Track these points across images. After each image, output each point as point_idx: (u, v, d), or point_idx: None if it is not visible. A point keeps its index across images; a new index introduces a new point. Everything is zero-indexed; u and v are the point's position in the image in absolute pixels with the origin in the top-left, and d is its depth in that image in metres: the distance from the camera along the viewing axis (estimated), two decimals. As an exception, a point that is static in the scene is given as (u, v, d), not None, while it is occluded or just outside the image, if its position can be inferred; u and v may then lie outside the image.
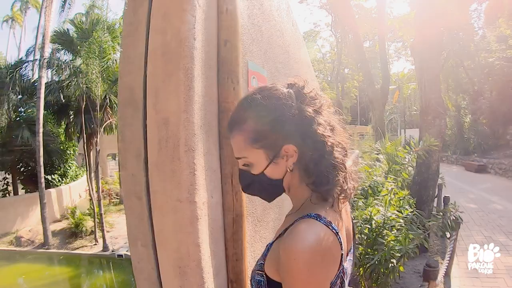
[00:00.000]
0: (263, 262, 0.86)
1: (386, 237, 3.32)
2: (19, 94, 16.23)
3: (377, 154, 6.65)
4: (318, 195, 0.85)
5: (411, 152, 5.15)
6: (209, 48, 1.29)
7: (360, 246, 3.37)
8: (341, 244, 0.79)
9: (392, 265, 3.28)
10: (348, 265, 0.91)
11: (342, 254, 0.80)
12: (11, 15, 34.56)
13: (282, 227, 0.89)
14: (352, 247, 0.99)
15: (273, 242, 0.87)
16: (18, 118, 16.37)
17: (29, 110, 16.69)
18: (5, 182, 16.22)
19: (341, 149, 0.87)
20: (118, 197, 17.89)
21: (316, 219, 0.79)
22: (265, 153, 0.86)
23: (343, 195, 0.87)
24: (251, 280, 0.90)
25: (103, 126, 14.96)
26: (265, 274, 0.84)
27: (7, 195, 16.13)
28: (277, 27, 2.09)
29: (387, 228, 3.39)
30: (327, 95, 0.95)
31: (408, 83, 30.41)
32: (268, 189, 0.92)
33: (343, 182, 0.86)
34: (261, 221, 1.67)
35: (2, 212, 14.35)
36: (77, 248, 13.72)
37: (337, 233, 0.79)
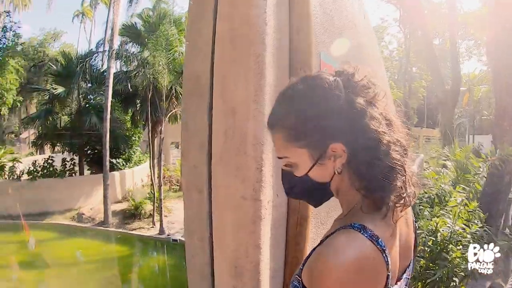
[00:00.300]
0: (302, 268, 0.76)
1: (451, 253, 3.04)
2: (88, 83, 17.71)
3: (445, 160, 6.15)
4: (370, 202, 0.72)
5: (486, 161, 4.69)
6: (280, 36, 1.20)
7: (422, 259, 3.12)
8: (387, 264, 0.67)
9: (454, 283, 3.00)
10: (401, 285, 0.78)
11: (388, 275, 0.67)
12: (81, 10, 37.26)
13: (328, 232, 0.77)
14: (411, 263, 0.85)
15: (316, 247, 0.75)
16: (87, 105, 17.83)
17: (97, 98, 18.05)
18: (72, 162, 17.67)
19: (400, 148, 0.73)
20: (178, 184, 18.55)
21: (360, 231, 0.67)
22: (309, 152, 0.75)
23: (401, 202, 0.72)
24: (290, 284, 0.80)
25: (168, 116, 15.70)
26: (302, 281, 0.73)
27: (73, 174, 17.58)
28: (349, 18, 1.96)
29: (453, 243, 3.10)
30: (393, 95, 0.79)
31: (480, 86, 28.00)
32: (313, 192, 0.82)
33: (401, 187, 0.72)
34: (325, 223, 1.56)
35: (67, 190, 15.75)
36: (135, 229, 14.59)
37: (384, 250, 0.67)
